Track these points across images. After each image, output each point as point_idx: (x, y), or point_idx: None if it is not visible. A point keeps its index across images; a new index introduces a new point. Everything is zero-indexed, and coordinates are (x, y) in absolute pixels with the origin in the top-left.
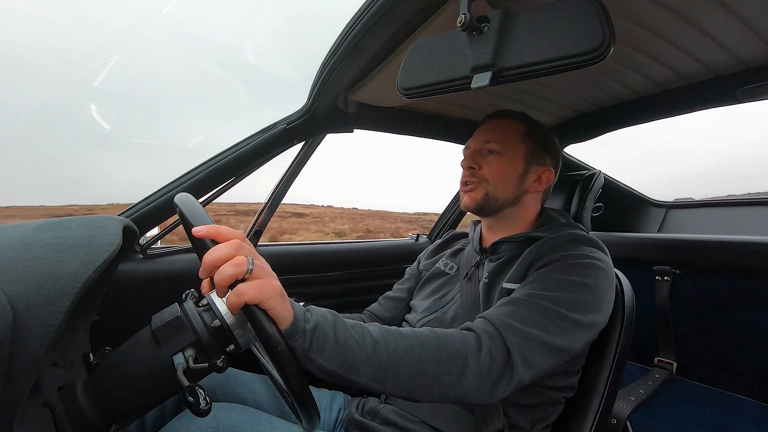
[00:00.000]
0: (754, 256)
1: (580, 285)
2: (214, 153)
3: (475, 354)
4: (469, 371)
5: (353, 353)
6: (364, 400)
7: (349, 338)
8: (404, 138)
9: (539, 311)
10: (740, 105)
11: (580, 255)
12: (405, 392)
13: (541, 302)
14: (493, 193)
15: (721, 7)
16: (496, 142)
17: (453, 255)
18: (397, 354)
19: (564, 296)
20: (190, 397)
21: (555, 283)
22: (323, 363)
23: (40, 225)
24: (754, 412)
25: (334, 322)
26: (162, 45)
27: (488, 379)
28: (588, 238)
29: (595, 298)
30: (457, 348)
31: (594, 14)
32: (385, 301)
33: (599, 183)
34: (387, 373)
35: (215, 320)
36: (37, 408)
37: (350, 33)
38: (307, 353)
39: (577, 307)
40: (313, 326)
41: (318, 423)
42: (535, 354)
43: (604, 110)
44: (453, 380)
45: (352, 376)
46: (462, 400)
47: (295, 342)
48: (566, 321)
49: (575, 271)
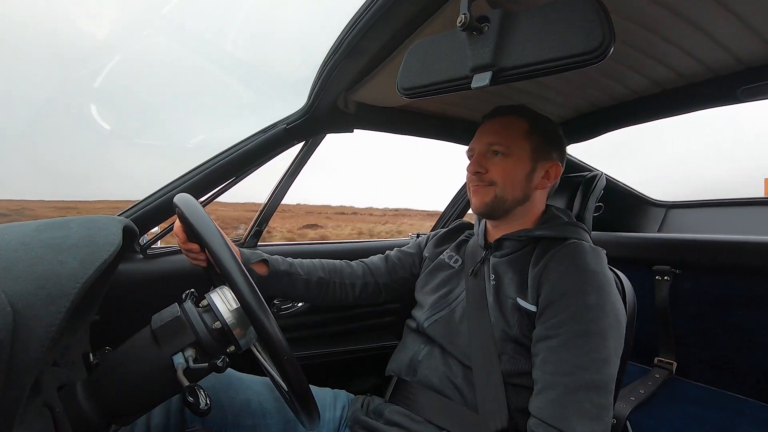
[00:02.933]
0: (754, 256)
1: (604, 314)
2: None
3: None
4: None
5: None
6: (368, 399)
7: None
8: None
9: (590, 360)
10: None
11: (590, 289)
12: None
13: (583, 344)
14: (503, 195)
15: (721, 7)
16: (500, 142)
17: (457, 247)
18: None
19: (596, 378)
20: (190, 397)
21: (578, 350)
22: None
23: (40, 225)
24: (754, 413)
25: None
26: (165, 47)
27: None
28: (589, 249)
29: (614, 341)
30: None
31: (594, 14)
32: (387, 262)
33: (601, 184)
34: None
35: (215, 321)
36: (37, 408)
37: (350, 33)
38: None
39: (605, 362)
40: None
41: (318, 422)
42: (595, 413)
43: (604, 110)
44: None
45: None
46: None
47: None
48: (601, 363)
49: (594, 328)
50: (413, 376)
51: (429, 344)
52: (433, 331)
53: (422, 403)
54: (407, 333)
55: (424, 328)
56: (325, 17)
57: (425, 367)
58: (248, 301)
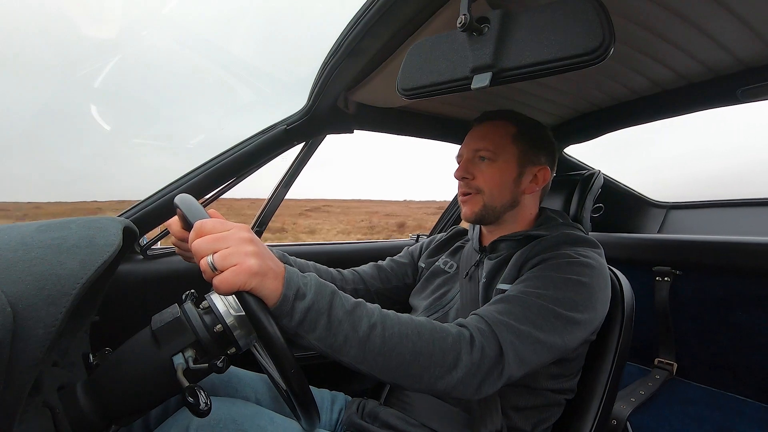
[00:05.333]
0: (754, 256)
1: (575, 282)
2: None
3: (468, 350)
4: (461, 366)
5: (345, 337)
6: (363, 402)
7: (343, 321)
8: None
9: (533, 309)
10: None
11: (573, 254)
12: (392, 379)
13: (534, 300)
14: (490, 202)
15: (721, 7)
16: (487, 148)
17: (453, 253)
18: (392, 341)
19: (558, 294)
20: (190, 398)
21: (549, 281)
22: (312, 341)
23: (40, 226)
24: (754, 413)
25: (331, 302)
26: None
27: (477, 375)
28: (583, 238)
29: (590, 294)
30: (451, 342)
31: (594, 14)
32: (380, 271)
33: (599, 183)
34: (378, 359)
35: (215, 321)
36: (37, 408)
37: (350, 33)
38: (296, 330)
39: (572, 305)
40: (306, 306)
41: (318, 423)
42: (528, 351)
43: (604, 110)
44: (443, 373)
45: (339, 356)
46: (449, 393)
47: (284, 322)
48: (560, 319)
49: (569, 269)
50: None
51: None
52: None
53: (417, 406)
54: None
55: None
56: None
57: None
58: (245, 299)
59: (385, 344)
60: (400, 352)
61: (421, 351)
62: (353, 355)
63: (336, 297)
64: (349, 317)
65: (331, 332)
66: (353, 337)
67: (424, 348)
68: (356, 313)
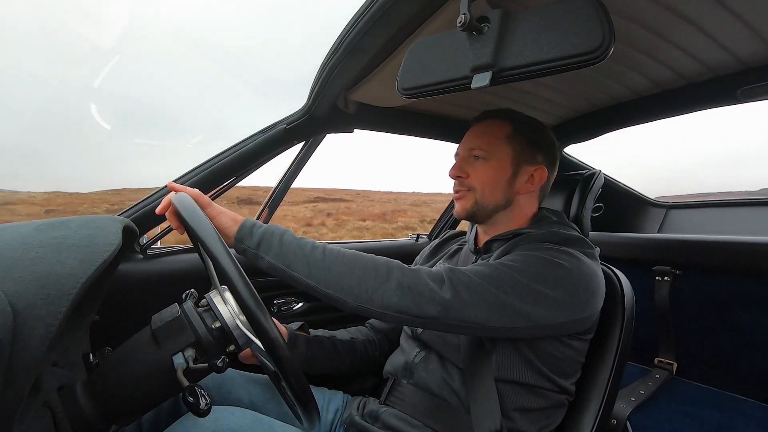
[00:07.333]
0: (754, 256)
1: (549, 262)
2: None
3: (402, 268)
4: (394, 278)
5: (294, 254)
6: (364, 401)
7: (292, 243)
8: None
9: (494, 273)
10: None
11: (554, 248)
12: (334, 290)
13: (500, 267)
14: (482, 200)
15: (721, 7)
16: (481, 147)
17: (450, 256)
18: (332, 256)
19: (528, 268)
20: (190, 398)
21: (522, 258)
22: (270, 260)
23: (40, 225)
24: (754, 413)
25: (283, 230)
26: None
27: (412, 291)
28: (571, 237)
29: (565, 276)
30: (385, 261)
31: (594, 14)
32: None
33: (599, 183)
34: (319, 271)
35: (215, 321)
36: (37, 408)
37: (350, 33)
38: (256, 252)
39: (540, 279)
40: (263, 231)
41: (318, 423)
42: (474, 297)
43: (604, 110)
44: (377, 285)
45: (291, 272)
46: (389, 307)
47: (245, 243)
48: (520, 285)
49: (547, 253)
50: (409, 378)
51: (425, 349)
52: (427, 336)
53: (418, 406)
54: (403, 338)
55: (418, 334)
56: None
57: (422, 370)
58: (246, 301)
59: (325, 258)
60: (338, 264)
61: (358, 264)
62: (301, 270)
63: (286, 230)
64: (297, 240)
65: (283, 250)
66: (300, 254)
67: (361, 262)
68: (303, 240)
